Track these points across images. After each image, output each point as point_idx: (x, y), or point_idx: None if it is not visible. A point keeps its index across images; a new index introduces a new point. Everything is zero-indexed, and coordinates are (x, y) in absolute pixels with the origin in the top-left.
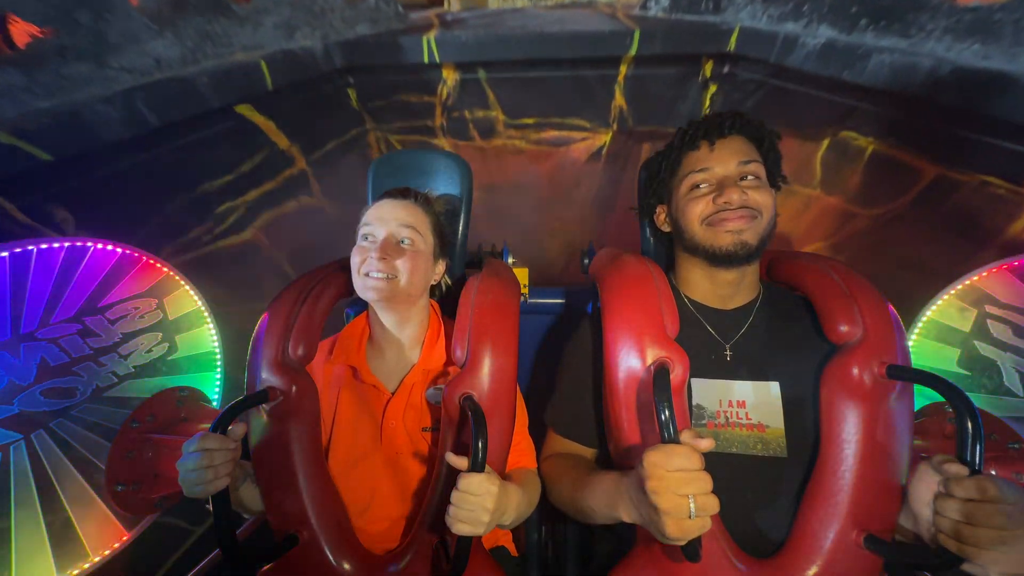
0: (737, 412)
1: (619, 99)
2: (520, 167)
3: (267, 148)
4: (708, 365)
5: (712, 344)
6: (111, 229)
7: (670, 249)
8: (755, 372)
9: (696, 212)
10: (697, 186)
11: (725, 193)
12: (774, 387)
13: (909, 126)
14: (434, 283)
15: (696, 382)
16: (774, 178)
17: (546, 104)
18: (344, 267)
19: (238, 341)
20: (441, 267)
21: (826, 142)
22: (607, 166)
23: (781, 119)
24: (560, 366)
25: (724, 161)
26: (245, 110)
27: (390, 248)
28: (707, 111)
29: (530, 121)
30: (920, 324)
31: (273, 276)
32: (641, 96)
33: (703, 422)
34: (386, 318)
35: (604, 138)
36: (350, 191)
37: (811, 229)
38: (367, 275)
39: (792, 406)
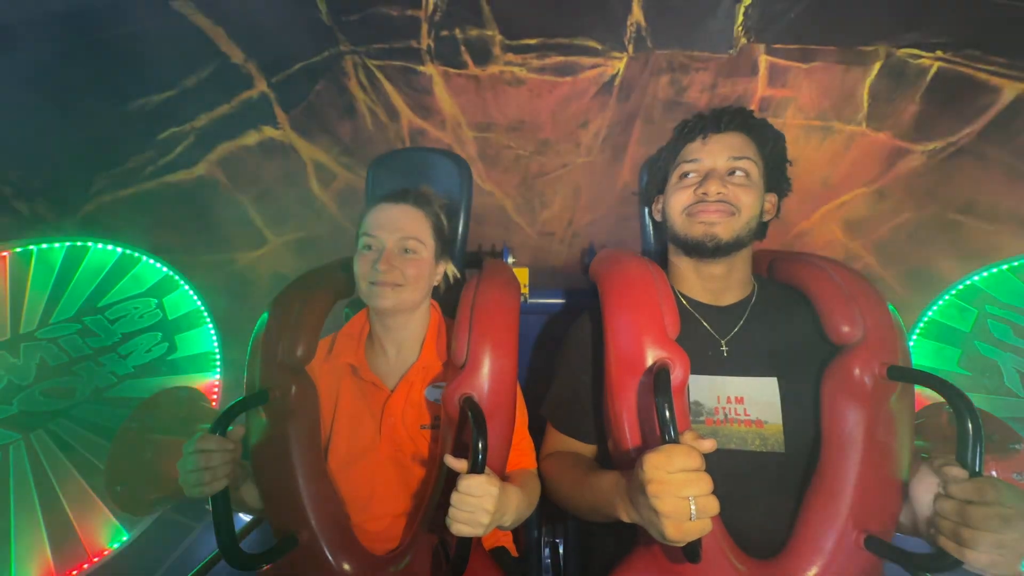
0: (736, 408)
1: (636, 12)
2: (520, 102)
3: (216, 60)
4: (705, 361)
5: (709, 340)
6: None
7: (665, 243)
8: (753, 368)
9: (679, 201)
10: (686, 175)
11: (705, 185)
12: (772, 383)
13: (994, 28)
14: (435, 284)
15: (693, 378)
16: (777, 181)
17: (551, 18)
18: (344, 267)
19: (236, 339)
20: (442, 269)
21: (877, 66)
22: (619, 102)
23: (828, 34)
24: (559, 358)
25: (715, 155)
26: (184, 7)
27: (395, 258)
28: (740, 28)
29: (532, 42)
30: (920, 324)
31: (235, 221)
32: (664, 8)
33: (701, 419)
34: (387, 320)
35: (617, 65)
36: (325, 128)
37: (852, 172)
38: (373, 284)
39: (790, 401)
